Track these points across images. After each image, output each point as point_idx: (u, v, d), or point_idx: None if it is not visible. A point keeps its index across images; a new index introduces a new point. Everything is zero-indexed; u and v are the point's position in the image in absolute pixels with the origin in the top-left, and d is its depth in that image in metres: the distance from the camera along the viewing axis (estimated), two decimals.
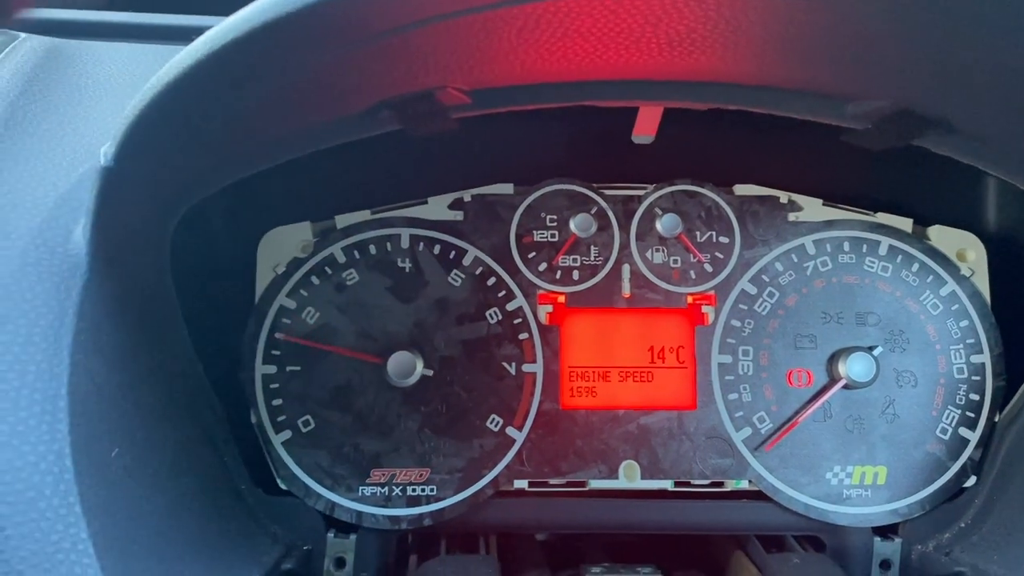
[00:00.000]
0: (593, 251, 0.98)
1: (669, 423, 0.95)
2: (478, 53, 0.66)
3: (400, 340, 0.94)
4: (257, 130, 0.74)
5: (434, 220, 0.97)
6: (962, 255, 0.99)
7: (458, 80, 0.72)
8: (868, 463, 0.95)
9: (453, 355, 0.95)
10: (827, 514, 0.94)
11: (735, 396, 0.96)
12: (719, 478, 0.95)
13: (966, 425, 0.96)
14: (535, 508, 0.95)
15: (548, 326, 0.96)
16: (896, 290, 0.97)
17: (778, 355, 0.96)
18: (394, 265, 0.96)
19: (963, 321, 0.97)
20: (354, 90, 0.71)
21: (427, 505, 0.93)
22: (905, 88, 0.74)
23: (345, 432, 0.93)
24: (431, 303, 0.95)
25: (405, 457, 0.93)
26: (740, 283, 0.97)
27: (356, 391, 0.94)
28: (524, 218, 0.98)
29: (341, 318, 0.95)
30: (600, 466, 0.94)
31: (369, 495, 0.93)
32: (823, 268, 0.98)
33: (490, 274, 0.96)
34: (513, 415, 0.94)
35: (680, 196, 0.99)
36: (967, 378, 0.97)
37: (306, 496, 0.92)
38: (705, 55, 0.67)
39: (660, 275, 0.98)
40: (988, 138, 0.79)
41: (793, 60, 0.70)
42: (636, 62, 0.70)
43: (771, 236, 0.98)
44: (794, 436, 0.95)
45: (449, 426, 0.94)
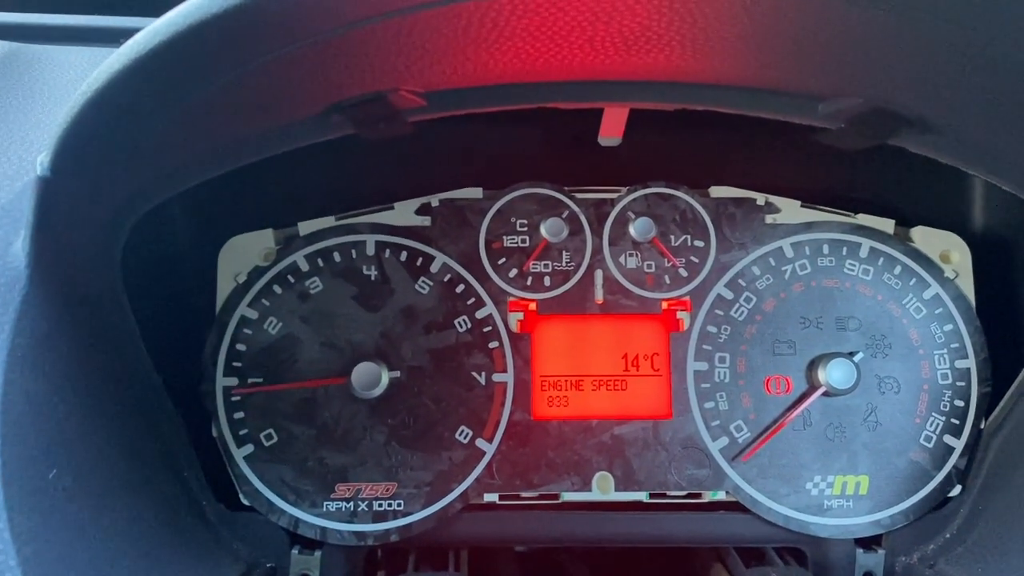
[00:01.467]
0: (565, 256, 0.95)
1: (644, 433, 0.92)
2: (426, 54, 0.63)
3: (366, 350, 0.92)
4: (202, 136, 0.71)
5: (401, 226, 0.94)
6: (946, 257, 0.96)
7: (410, 82, 0.69)
8: (850, 472, 0.92)
9: (421, 365, 0.92)
10: (808, 526, 0.91)
11: (711, 404, 0.93)
12: (696, 489, 0.92)
13: (951, 432, 0.93)
14: (506, 522, 0.92)
15: (519, 334, 0.93)
16: (878, 293, 0.94)
17: (756, 362, 0.93)
18: (359, 273, 0.93)
19: (947, 325, 0.94)
20: (301, 94, 0.68)
21: (394, 520, 0.90)
22: (878, 86, 0.71)
23: (309, 446, 0.91)
24: (398, 312, 0.93)
25: (371, 471, 0.90)
26: (716, 288, 0.94)
27: (320, 403, 0.91)
28: (494, 223, 0.95)
29: (304, 328, 0.92)
30: (573, 478, 0.92)
31: (334, 510, 0.90)
32: (802, 271, 0.95)
33: (459, 281, 0.94)
34: (483, 426, 0.92)
35: (654, 199, 0.96)
36: (952, 384, 0.93)
37: (269, 512, 0.90)
38: (665, 54, 0.65)
39: (634, 280, 0.95)
40: (966, 137, 0.76)
41: (760, 59, 0.67)
42: (594, 62, 0.67)
43: (748, 239, 0.95)
44: (773, 445, 0.92)
45: (417, 438, 0.91)
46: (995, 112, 0.71)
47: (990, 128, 0.74)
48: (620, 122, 0.85)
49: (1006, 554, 0.84)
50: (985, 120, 0.73)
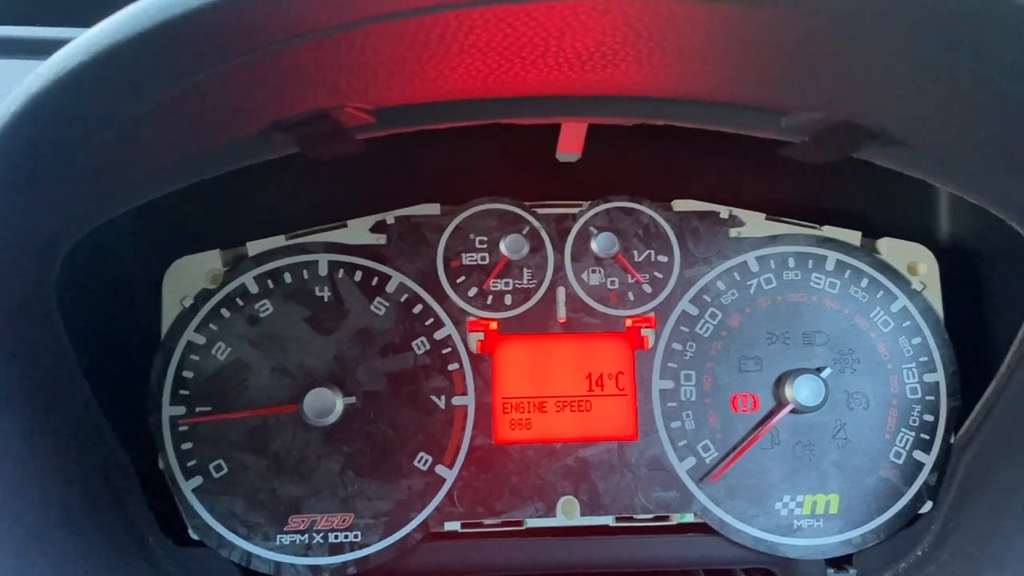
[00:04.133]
0: (526, 274, 0.92)
1: (609, 455, 0.90)
2: (371, 70, 0.60)
3: (319, 375, 0.88)
4: (137, 156, 0.67)
5: (354, 244, 0.91)
6: (913, 268, 0.95)
7: (356, 99, 0.66)
8: (819, 491, 0.90)
9: (377, 389, 0.89)
10: (777, 547, 0.89)
11: (678, 424, 0.90)
12: (663, 512, 0.89)
13: (921, 448, 0.91)
14: (468, 551, 0.89)
15: (479, 355, 0.90)
16: (845, 307, 0.93)
17: (722, 379, 0.91)
18: (311, 294, 0.89)
19: (915, 338, 0.92)
20: (239, 112, 0.65)
21: (351, 552, 0.86)
22: (841, 100, 0.69)
23: (261, 476, 0.87)
24: (352, 334, 0.89)
25: (326, 501, 0.87)
26: (681, 304, 0.92)
27: (272, 432, 0.87)
28: (452, 240, 0.92)
29: (254, 353, 0.88)
30: (537, 503, 0.89)
31: (288, 543, 0.86)
32: (767, 286, 0.92)
33: (416, 301, 0.90)
34: (443, 452, 0.88)
35: (616, 213, 0.94)
36: (921, 398, 0.92)
37: (219, 546, 0.85)
38: (621, 69, 0.62)
39: (597, 298, 0.92)
40: (931, 149, 0.74)
41: (718, 73, 0.64)
42: (548, 77, 0.64)
43: (712, 253, 0.93)
44: (741, 465, 0.90)
45: (374, 467, 0.87)
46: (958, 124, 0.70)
47: (953, 140, 0.72)
48: (579, 137, 0.82)
49: (977, 571, 0.82)
50: (948, 132, 0.71)
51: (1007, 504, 0.83)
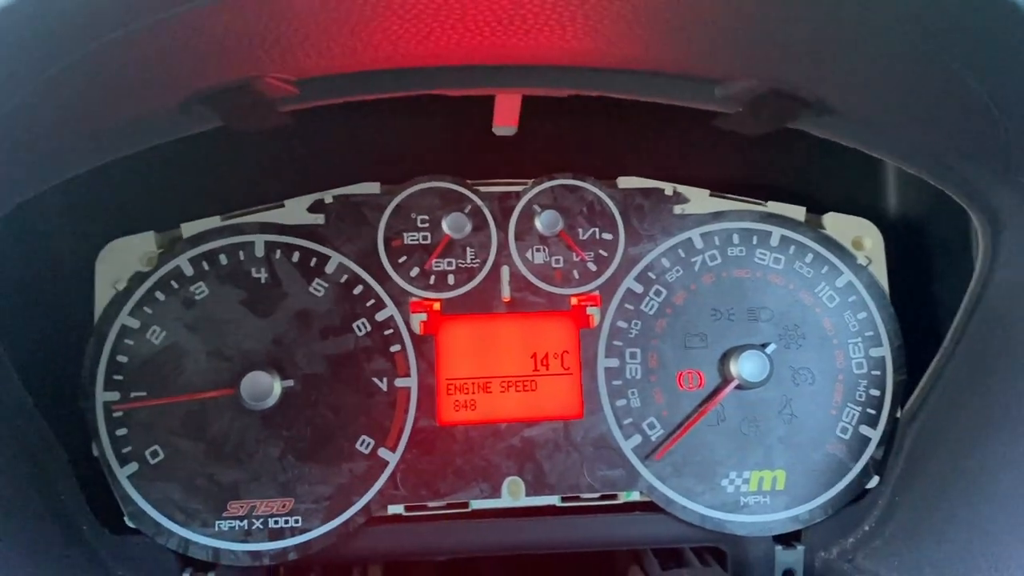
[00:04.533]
0: (469, 253, 0.90)
1: (555, 434, 0.89)
2: (286, 38, 0.58)
3: (257, 358, 0.86)
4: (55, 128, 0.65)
5: (292, 225, 0.89)
6: (858, 243, 0.94)
7: (276, 68, 0.64)
8: (766, 467, 0.89)
9: (317, 372, 0.87)
10: (724, 524, 0.88)
11: (623, 402, 0.89)
12: (609, 490, 0.89)
13: (867, 423, 0.91)
14: (412, 534, 0.88)
15: (422, 336, 0.89)
16: (789, 283, 0.92)
17: (667, 356, 0.90)
18: (248, 276, 0.88)
19: (861, 313, 0.92)
20: (156, 81, 0.63)
21: (292, 538, 0.85)
22: (773, 67, 0.68)
23: (198, 462, 0.85)
24: (291, 316, 0.87)
25: (266, 486, 0.85)
26: (626, 282, 0.91)
27: (209, 416, 0.85)
28: (392, 219, 0.90)
29: (190, 337, 0.86)
30: (482, 485, 0.87)
31: (227, 529, 0.84)
32: (712, 263, 0.92)
33: (356, 282, 0.89)
34: (385, 435, 0.87)
35: (560, 191, 0.92)
36: (867, 373, 0.92)
37: (156, 534, 0.84)
38: (545, 35, 0.61)
39: (542, 276, 0.91)
40: (865, 118, 0.73)
41: (646, 40, 0.63)
42: (473, 45, 0.63)
43: (657, 231, 0.92)
44: (687, 442, 0.89)
45: (314, 450, 0.86)
46: (891, 92, 0.69)
47: (887, 109, 0.72)
48: (514, 110, 0.81)
49: (919, 545, 0.82)
50: (882, 101, 0.71)
51: (950, 477, 0.83)
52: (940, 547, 0.80)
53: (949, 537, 0.80)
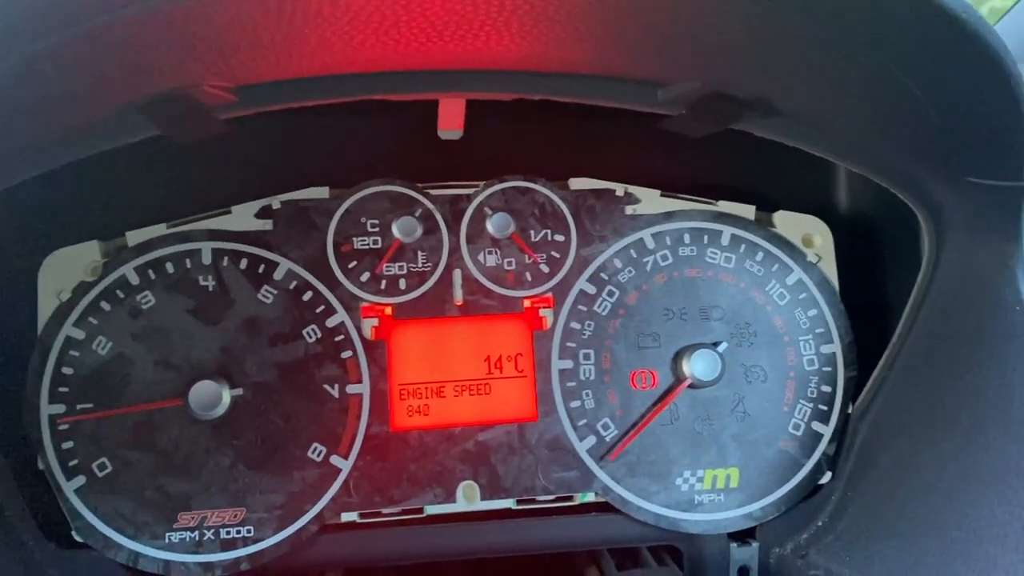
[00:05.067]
0: (420, 257, 0.90)
1: (509, 438, 0.88)
2: (218, 46, 0.57)
3: (205, 368, 0.85)
4: None
5: (239, 231, 0.88)
6: (808, 240, 0.95)
7: (213, 76, 0.63)
8: (719, 466, 0.90)
9: (267, 380, 0.86)
10: (679, 523, 0.89)
11: (577, 404, 0.89)
12: (564, 492, 0.89)
13: (819, 419, 0.92)
14: (367, 542, 0.87)
15: (374, 341, 0.88)
16: (740, 281, 0.92)
17: (621, 357, 0.90)
18: (195, 284, 0.86)
19: (811, 310, 0.93)
20: (90, 92, 0.62)
21: (244, 548, 0.84)
22: (715, 70, 0.68)
23: (148, 474, 0.84)
24: (239, 324, 0.86)
25: (217, 497, 0.84)
26: (578, 283, 0.91)
27: (158, 427, 0.84)
28: (342, 224, 0.89)
29: (137, 347, 0.85)
30: (436, 490, 0.87)
31: (178, 541, 0.83)
32: (663, 262, 0.92)
33: (306, 288, 0.88)
34: (337, 442, 0.86)
35: (512, 193, 0.92)
36: (818, 369, 0.92)
37: (105, 548, 0.82)
38: (483, 40, 0.60)
39: (494, 279, 0.90)
40: (808, 119, 0.74)
41: (585, 44, 0.63)
42: (412, 50, 0.62)
43: (608, 231, 0.92)
44: (640, 442, 0.89)
45: (265, 459, 0.85)
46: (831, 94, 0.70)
47: (829, 110, 0.72)
48: (458, 114, 0.80)
49: (870, 540, 0.83)
50: (823, 102, 0.71)
51: (900, 471, 0.84)
52: (889, 541, 0.81)
53: (898, 531, 0.81)
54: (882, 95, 0.68)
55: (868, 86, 0.68)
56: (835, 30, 0.60)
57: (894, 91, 0.67)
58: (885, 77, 0.65)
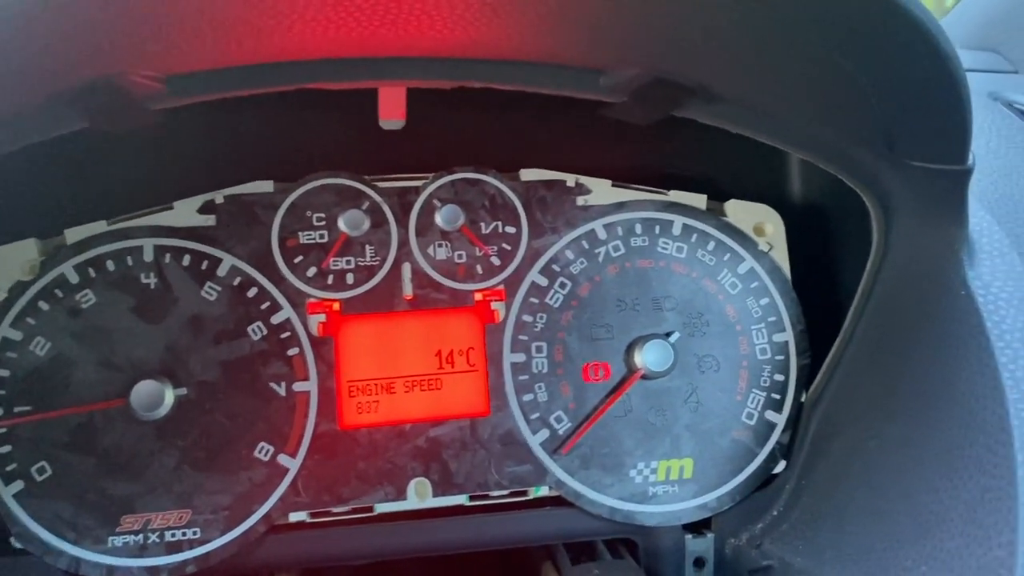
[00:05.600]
0: (368, 251, 0.88)
1: (461, 433, 0.87)
2: (143, 32, 0.56)
3: (148, 367, 0.83)
4: None
5: (181, 227, 0.86)
6: (760, 229, 0.95)
7: (141, 65, 0.61)
8: (673, 456, 0.89)
9: (212, 379, 0.84)
10: (633, 515, 0.88)
11: (530, 397, 0.88)
12: (517, 487, 0.88)
13: (772, 408, 0.91)
14: (316, 541, 0.86)
15: (321, 338, 0.87)
16: (692, 271, 0.92)
17: (573, 349, 0.90)
18: (137, 282, 0.84)
19: (763, 299, 0.93)
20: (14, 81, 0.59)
21: (190, 550, 0.82)
22: (655, 56, 0.68)
23: (89, 476, 0.82)
24: (183, 322, 0.84)
25: (162, 498, 0.82)
26: (530, 275, 0.90)
27: (100, 429, 0.82)
28: (287, 219, 0.88)
29: (77, 347, 0.83)
30: (387, 487, 0.86)
31: (121, 545, 0.81)
32: (615, 253, 0.91)
33: (250, 284, 0.86)
34: (285, 441, 0.85)
35: (461, 185, 0.91)
36: (771, 358, 0.92)
37: (45, 554, 0.80)
38: (414, 25, 0.59)
39: (444, 272, 0.89)
40: (751, 105, 0.73)
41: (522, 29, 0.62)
42: (342, 37, 0.61)
43: (560, 223, 0.91)
44: (594, 435, 0.88)
45: (211, 459, 0.83)
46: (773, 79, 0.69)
47: (772, 96, 0.72)
48: (399, 103, 0.79)
49: (822, 528, 0.83)
50: (766, 88, 0.71)
51: (851, 458, 0.84)
52: (840, 529, 0.81)
53: (848, 518, 0.81)
54: (823, 81, 0.68)
55: (809, 72, 0.67)
56: (774, 16, 0.60)
57: (834, 76, 0.67)
58: (825, 63, 0.65)
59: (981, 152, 0.93)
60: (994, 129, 0.97)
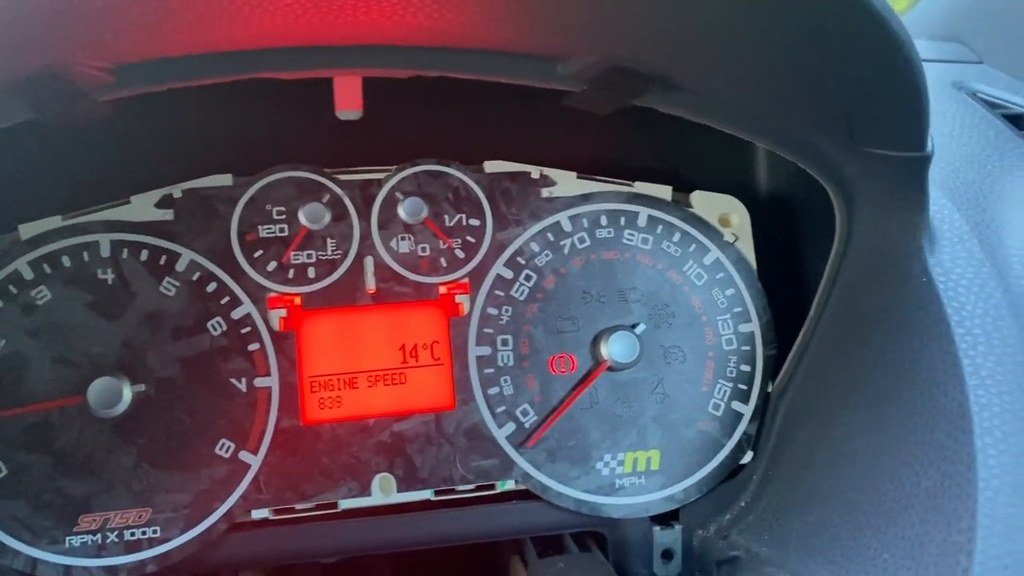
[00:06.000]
0: (330, 244, 0.87)
1: (426, 427, 0.86)
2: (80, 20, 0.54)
3: (105, 364, 0.82)
4: None
5: (139, 222, 0.85)
6: (725, 220, 0.95)
7: (86, 55, 0.60)
8: (640, 448, 0.89)
9: (171, 375, 0.83)
10: (600, 508, 0.88)
11: (496, 390, 0.88)
12: (483, 481, 0.87)
13: (739, 398, 0.91)
14: (279, 539, 0.85)
15: (282, 333, 0.86)
16: (658, 262, 0.92)
17: (539, 342, 0.89)
18: (93, 277, 0.83)
19: (729, 290, 0.92)
20: None
21: (150, 549, 0.81)
22: (612, 43, 0.67)
23: (46, 476, 0.80)
24: (141, 318, 0.83)
25: (120, 497, 0.81)
26: (495, 268, 0.89)
27: (56, 427, 0.81)
28: (247, 212, 0.86)
29: (33, 344, 0.81)
30: (351, 483, 0.85)
31: (79, 545, 0.80)
32: (581, 245, 0.91)
33: (209, 279, 0.85)
34: (246, 437, 0.83)
35: (424, 177, 0.90)
36: (737, 349, 0.92)
37: (1, 555, 0.79)
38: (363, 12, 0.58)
39: (408, 266, 0.88)
40: (712, 94, 0.73)
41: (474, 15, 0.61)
42: (292, 25, 0.60)
43: (524, 215, 0.91)
44: (560, 427, 0.88)
45: (171, 457, 0.82)
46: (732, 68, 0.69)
47: (731, 84, 0.71)
48: (355, 93, 0.78)
49: (788, 518, 0.83)
50: (725, 76, 0.70)
51: (816, 447, 0.84)
52: (806, 518, 0.81)
53: (814, 508, 0.80)
54: (780, 69, 0.68)
55: (765, 60, 0.67)
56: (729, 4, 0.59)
57: (791, 65, 0.66)
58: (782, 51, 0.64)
59: (944, 141, 0.93)
60: (957, 118, 0.97)
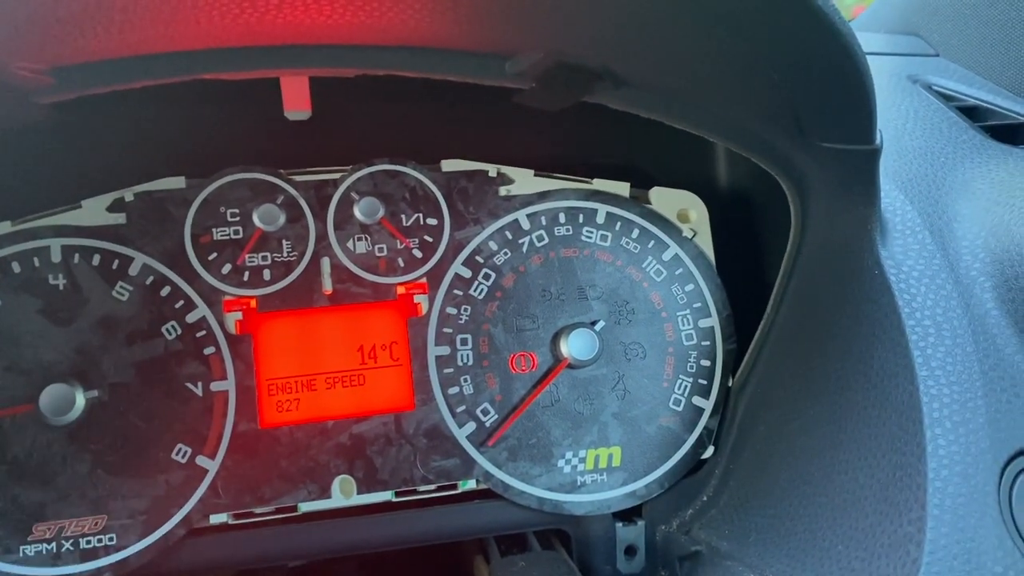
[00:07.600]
0: (285, 246, 0.87)
1: (385, 428, 0.86)
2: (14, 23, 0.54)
3: (58, 370, 0.81)
4: None
5: (90, 226, 0.84)
6: (684, 216, 0.95)
7: (22, 56, 0.59)
8: (601, 445, 0.89)
9: (125, 381, 0.82)
10: (562, 505, 0.88)
11: (456, 390, 0.87)
12: (444, 481, 0.87)
13: (699, 393, 0.91)
14: (238, 543, 0.84)
15: (238, 336, 0.85)
16: (617, 259, 0.92)
17: (499, 341, 0.89)
18: (44, 283, 0.82)
19: (688, 285, 0.93)
20: None
21: (106, 557, 0.80)
22: (557, 39, 0.67)
23: None
24: (93, 323, 0.82)
25: (75, 505, 0.80)
26: (453, 267, 0.89)
27: (8, 436, 0.80)
28: (200, 215, 0.86)
29: None
30: (310, 486, 0.84)
31: (33, 554, 0.79)
32: (539, 243, 0.91)
33: (163, 283, 0.84)
34: (203, 442, 0.83)
35: (380, 177, 0.90)
36: (697, 344, 0.92)
37: None
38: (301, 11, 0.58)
39: (365, 266, 0.88)
40: (661, 89, 0.73)
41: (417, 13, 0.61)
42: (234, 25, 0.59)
43: (482, 213, 0.90)
44: (521, 426, 0.88)
45: (126, 463, 0.81)
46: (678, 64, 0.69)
47: (679, 80, 0.71)
48: (302, 93, 0.78)
49: (748, 511, 0.83)
50: (672, 72, 0.70)
51: (775, 441, 0.84)
52: (765, 512, 0.81)
53: (773, 501, 0.81)
54: (726, 64, 0.68)
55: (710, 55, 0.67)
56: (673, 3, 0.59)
57: (736, 59, 0.66)
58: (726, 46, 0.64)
59: (898, 134, 0.94)
60: (911, 111, 0.98)
